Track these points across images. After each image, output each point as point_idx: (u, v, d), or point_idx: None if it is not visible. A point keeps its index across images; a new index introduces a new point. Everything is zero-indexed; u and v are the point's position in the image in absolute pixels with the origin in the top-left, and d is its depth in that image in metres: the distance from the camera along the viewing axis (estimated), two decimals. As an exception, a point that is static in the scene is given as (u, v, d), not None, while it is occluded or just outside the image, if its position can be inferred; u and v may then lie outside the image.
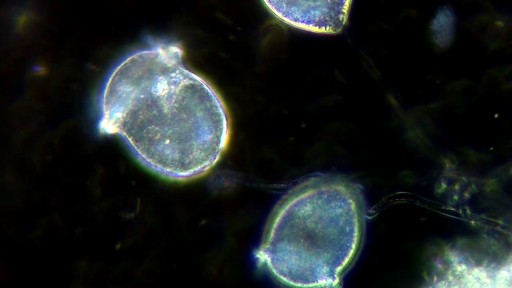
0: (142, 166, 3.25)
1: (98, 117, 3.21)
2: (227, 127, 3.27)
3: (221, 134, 3.27)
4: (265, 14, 3.28)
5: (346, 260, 3.26)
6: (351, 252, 3.26)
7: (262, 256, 3.24)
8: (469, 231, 3.33)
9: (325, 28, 3.27)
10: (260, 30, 3.33)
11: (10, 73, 3.29)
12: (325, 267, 3.24)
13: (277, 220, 3.26)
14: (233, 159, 3.30)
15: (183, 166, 3.25)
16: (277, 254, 3.25)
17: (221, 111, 3.27)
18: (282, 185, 3.31)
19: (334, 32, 3.28)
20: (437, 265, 3.31)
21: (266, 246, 3.26)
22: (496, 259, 3.29)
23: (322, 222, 3.26)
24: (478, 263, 3.30)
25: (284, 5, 3.25)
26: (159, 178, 3.27)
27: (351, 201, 3.28)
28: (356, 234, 3.27)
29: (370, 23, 3.34)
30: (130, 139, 3.21)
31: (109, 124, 3.20)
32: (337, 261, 3.26)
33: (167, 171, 3.25)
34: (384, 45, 3.35)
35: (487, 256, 3.30)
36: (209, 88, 3.27)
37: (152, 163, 3.24)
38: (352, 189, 3.29)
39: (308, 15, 3.26)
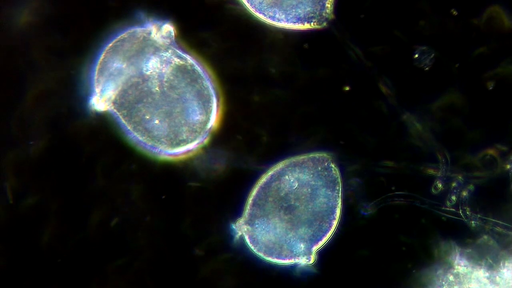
0: (132, 143, 3.27)
1: (89, 94, 3.25)
2: (217, 108, 3.24)
3: (211, 114, 3.24)
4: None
5: (324, 240, 3.18)
6: (330, 232, 3.19)
7: (239, 228, 3.21)
8: (469, 231, 3.20)
9: (310, 24, 3.18)
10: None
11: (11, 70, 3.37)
12: (302, 245, 3.16)
13: (257, 192, 3.21)
14: (223, 139, 3.28)
15: (173, 145, 3.24)
16: (254, 228, 3.21)
17: (212, 91, 3.24)
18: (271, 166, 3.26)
19: (320, 27, 3.18)
20: (437, 265, 3.21)
21: (244, 219, 3.21)
22: (497, 260, 3.15)
23: (304, 199, 3.19)
24: (478, 263, 3.17)
25: (266, 6, 3.20)
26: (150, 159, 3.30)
27: (336, 179, 3.20)
28: (337, 214, 3.18)
29: (357, 15, 3.24)
30: (120, 117, 3.24)
31: (100, 101, 3.23)
32: (314, 239, 3.18)
33: (157, 150, 3.25)
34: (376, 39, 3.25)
35: (488, 256, 3.16)
36: (200, 69, 3.24)
37: (142, 141, 3.25)
38: (338, 167, 3.20)
39: (291, 13, 3.19)
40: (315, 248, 3.19)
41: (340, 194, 3.20)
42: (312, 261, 3.19)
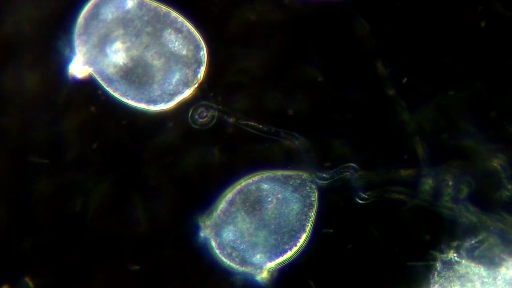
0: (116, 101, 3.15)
1: (69, 57, 3.13)
2: (206, 58, 3.12)
3: (198, 66, 3.12)
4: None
5: (285, 256, 3.12)
6: (294, 250, 3.12)
7: (205, 228, 3.13)
8: (470, 228, 3.16)
9: None
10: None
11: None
12: (261, 256, 3.11)
13: (230, 195, 3.13)
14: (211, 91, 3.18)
15: (163, 98, 3.13)
16: (219, 230, 3.13)
17: (200, 40, 3.12)
18: (261, 126, 3.19)
19: None
20: (437, 263, 3.15)
21: (210, 221, 3.13)
22: (497, 257, 3.11)
23: (276, 211, 3.12)
24: (479, 261, 3.12)
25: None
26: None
27: (314, 199, 3.13)
28: (305, 234, 3.12)
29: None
30: (100, 78, 3.12)
31: (80, 65, 3.12)
32: (275, 254, 3.11)
33: (143, 106, 3.14)
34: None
35: (488, 253, 3.12)
36: (187, 22, 3.12)
37: (126, 98, 3.13)
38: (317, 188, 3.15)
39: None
40: (271, 264, 3.12)
41: (312, 219, 3.13)
42: (264, 276, 3.11)
